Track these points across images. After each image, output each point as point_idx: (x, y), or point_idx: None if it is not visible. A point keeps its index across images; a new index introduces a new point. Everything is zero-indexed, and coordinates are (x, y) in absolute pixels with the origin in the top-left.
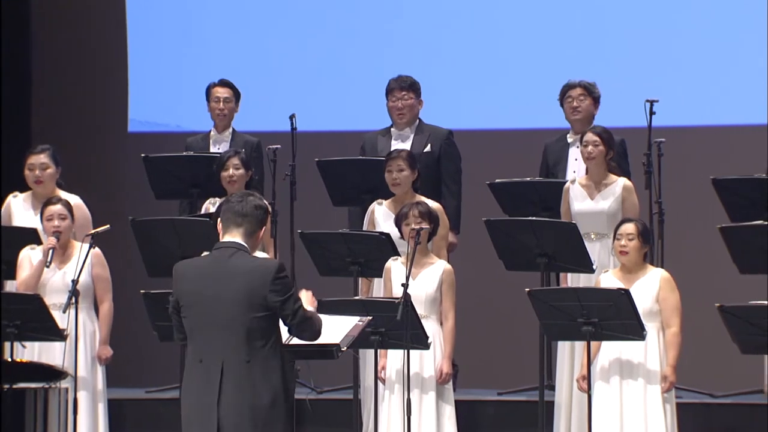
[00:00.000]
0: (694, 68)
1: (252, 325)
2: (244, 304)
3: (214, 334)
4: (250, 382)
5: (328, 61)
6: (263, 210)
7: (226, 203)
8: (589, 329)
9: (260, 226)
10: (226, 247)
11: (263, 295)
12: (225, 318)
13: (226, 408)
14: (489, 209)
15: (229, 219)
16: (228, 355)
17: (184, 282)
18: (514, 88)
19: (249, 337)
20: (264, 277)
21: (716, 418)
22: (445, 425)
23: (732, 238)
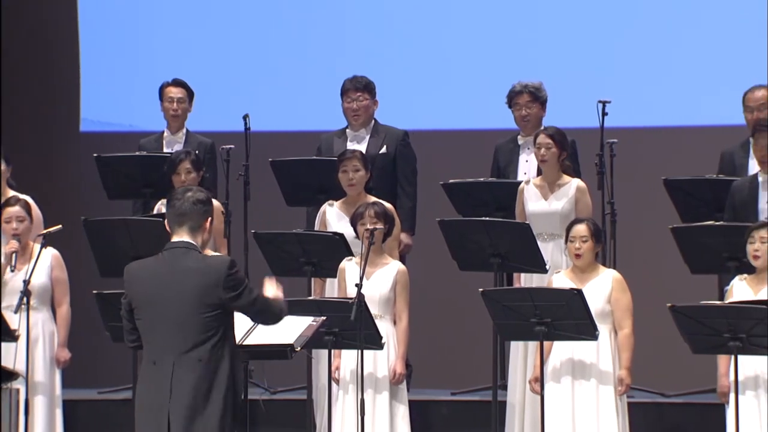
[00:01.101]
0: (646, 69)
1: (204, 324)
2: (197, 304)
3: (167, 335)
4: (202, 381)
5: (283, 60)
6: (203, 203)
7: (168, 204)
8: (542, 329)
9: (204, 219)
10: (176, 247)
11: (216, 294)
12: (178, 318)
13: (177, 408)
14: (443, 209)
15: (171, 219)
16: (180, 354)
17: (136, 284)
18: (468, 89)
19: (201, 336)
20: (216, 275)
21: (668, 418)
22: (399, 425)
23: (683, 239)
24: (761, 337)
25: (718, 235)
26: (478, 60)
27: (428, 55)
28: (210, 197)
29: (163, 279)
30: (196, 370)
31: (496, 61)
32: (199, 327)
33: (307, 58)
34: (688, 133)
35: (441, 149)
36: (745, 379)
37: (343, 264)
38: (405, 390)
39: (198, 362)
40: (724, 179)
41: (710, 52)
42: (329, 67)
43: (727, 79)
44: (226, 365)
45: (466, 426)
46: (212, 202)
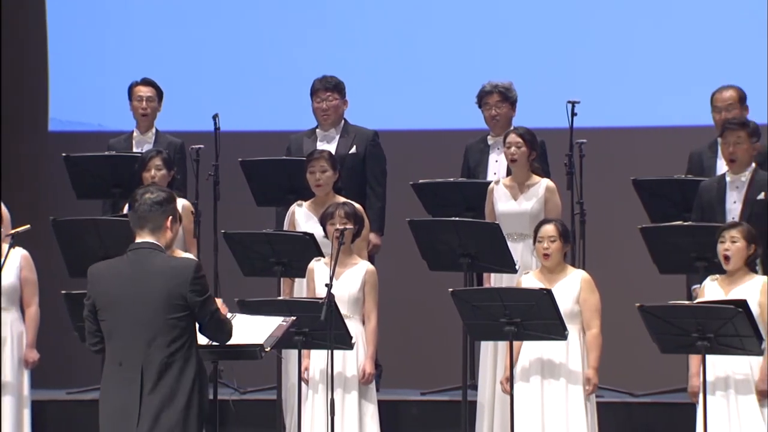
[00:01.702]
0: (615, 70)
1: (171, 326)
2: (163, 305)
3: (133, 336)
4: (168, 383)
5: (252, 60)
6: (160, 204)
7: (129, 206)
8: (511, 329)
9: (165, 219)
10: (141, 248)
11: (183, 295)
12: (143, 319)
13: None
14: (413, 210)
15: (133, 222)
16: (147, 356)
17: (101, 284)
18: (437, 89)
19: (168, 338)
20: (183, 276)
21: (637, 417)
22: (368, 425)
23: (652, 239)
24: (729, 337)
25: (686, 235)
26: (447, 60)
27: (398, 55)
28: (171, 196)
29: (128, 280)
30: (163, 371)
31: (465, 62)
32: (165, 329)
33: (277, 58)
34: (656, 133)
35: (411, 149)
36: (716, 380)
37: (312, 264)
38: (374, 390)
39: (164, 364)
40: (693, 179)
41: (678, 52)
42: (299, 67)
43: (695, 80)
44: (192, 368)
45: (436, 426)
46: (174, 200)
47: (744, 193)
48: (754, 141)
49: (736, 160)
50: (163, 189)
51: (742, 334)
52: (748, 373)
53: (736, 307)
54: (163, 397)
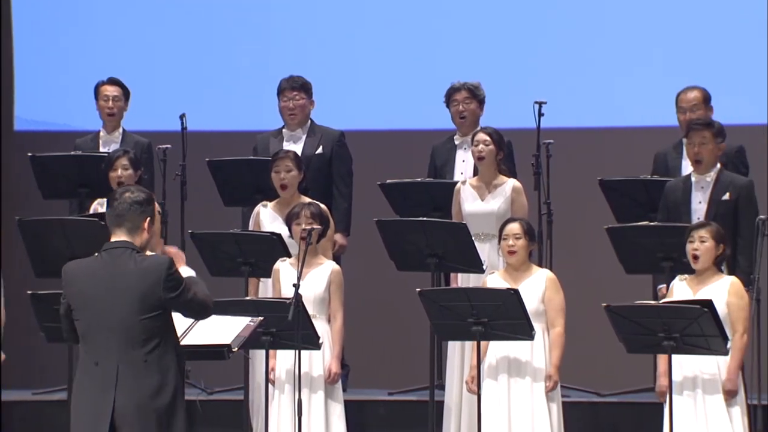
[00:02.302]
0: (581, 70)
1: (147, 325)
2: (138, 304)
3: (109, 336)
4: (149, 382)
5: (220, 60)
6: (140, 204)
7: (108, 204)
8: (478, 329)
9: (142, 220)
10: (115, 247)
11: (157, 294)
12: (119, 319)
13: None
14: (380, 210)
15: (110, 221)
16: (124, 356)
17: (74, 284)
18: (404, 89)
19: (144, 337)
20: (156, 275)
21: (603, 417)
22: (335, 425)
23: (618, 239)
24: (695, 337)
25: (652, 236)
26: (415, 61)
27: (365, 55)
28: (150, 197)
29: (102, 280)
30: (142, 370)
31: (432, 62)
32: (142, 328)
33: (244, 58)
34: (622, 134)
35: (378, 149)
36: (684, 379)
37: (278, 265)
38: (341, 390)
39: (144, 363)
40: (658, 180)
41: (644, 54)
42: (266, 66)
43: (660, 81)
44: (174, 365)
45: (403, 426)
46: (153, 202)
47: (709, 193)
48: (719, 141)
49: (701, 161)
50: (143, 190)
51: (708, 334)
52: (715, 372)
53: (702, 307)
54: (146, 395)
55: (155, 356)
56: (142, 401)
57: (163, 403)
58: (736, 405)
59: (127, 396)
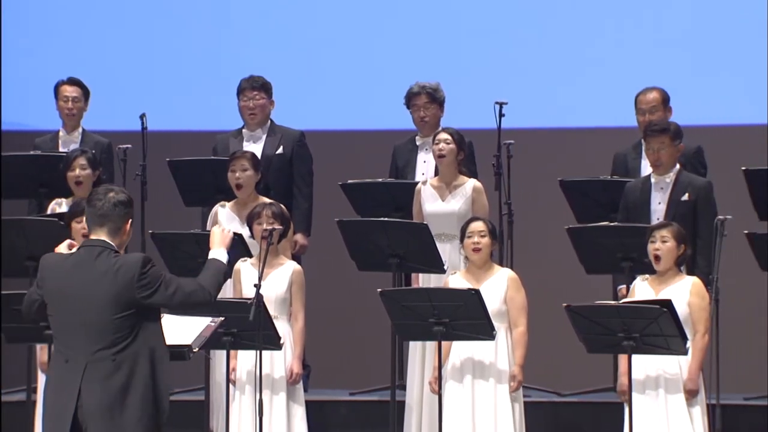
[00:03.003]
0: (542, 71)
1: (118, 325)
2: (111, 304)
3: (80, 334)
4: (115, 383)
5: (180, 59)
6: (124, 205)
7: (88, 203)
8: (440, 329)
9: (124, 222)
10: (92, 245)
11: (130, 294)
12: (91, 317)
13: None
14: (341, 210)
15: (91, 220)
16: (92, 355)
17: (51, 278)
18: (365, 89)
19: (115, 337)
20: (129, 274)
21: (564, 417)
22: (296, 426)
23: (578, 239)
24: (654, 337)
25: (612, 236)
26: (375, 61)
27: (326, 55)
28: (131, 199)
29: (77, 278)
30: (108, 370)
31: (393, 62)
32: (113, 327)
33: (204, 58)
34: (582, 134)
35: (340, 150)
36: (646, 378)
37: (239, 265)
38: (302, 390)
39: (111, 363)
40: (618, 180)
41: (603, 54)
42: (226, 66)
43: (619, 82)
44: (145, 367)
45: (364, 426)
46: (133, 204)
47: (668, 194)
48: (677, 143)
49: (660, 165)
50: (124, 191)
51: (667, 334)
52: (677, 372)
53: (661, 307)
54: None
55: (125, 356)
56: (107, 401)
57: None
58: (697, 405)
59: (93, 395)
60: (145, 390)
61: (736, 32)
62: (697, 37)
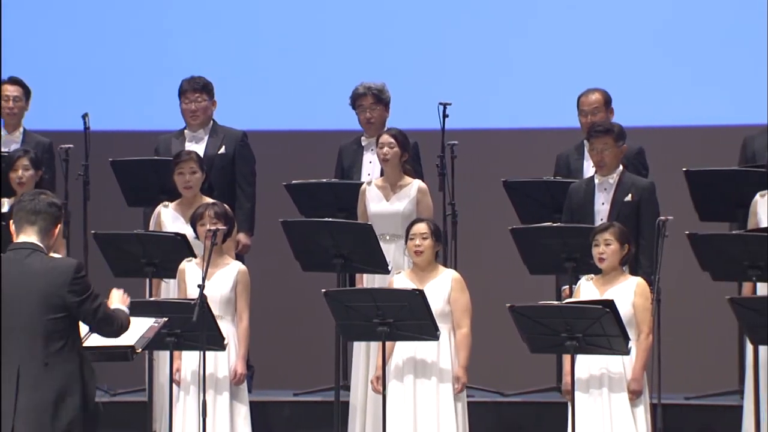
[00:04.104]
0: (485, 72)
1: (49, 327)
2: (42, 306)
3: (11, 337)
4: (49, 386)
5: (122, 59)
6: (57, 207)
7: (18, 203)
8: (384, 329)
9: (55, 224)
10: (22, 248)
11: (61, 296)
12: (22, 320)
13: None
14: (285, 210)
15: (22, 218)
16: (25, 358)
17: None
18: (309, 89)
19: (47, 339)
20: (62, 277)
21: (507, 417)
22: (240, 426)
23: (522, 240)
24: (597, 337)
25: (555, 236)
26: (319, 61)
27: (268, 55)
28: (63, 205)
29: (6, 280)
30: (42, 372)
31: (337, 62)
32: (45, 329)
33: (146, 57)
34: (526, 135)
35: (285, 150)
36: (591, 378)
37: (183, 265)
38: (246, 391)
39: (44, 366)
40: (562, 181)
41: (545, 55)
42: (168, 66)
43: (562, 83)
44: (76, 370)
45: (308, 427)
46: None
47: (612, 194)
48: (620, 144)
49: (604, 166)
50: (56, 197)
51: (610, 334)
52: (621, 372)
53: (604, 307)
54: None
55: (58, 359)
56: (40, 404)
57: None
58: (640, 404)
59: (27, 398)
60: (78, 392)
61: (676, 33)
62: (638, 39)
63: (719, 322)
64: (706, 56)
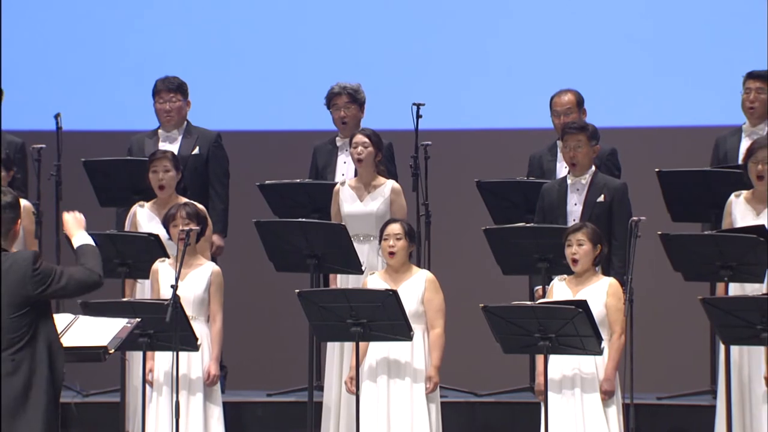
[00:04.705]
0: (459, 73)
1: (14, 324)
2: (5, 304)
3: None
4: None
5: (95, 59)
6: (12, 207)
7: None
8: (357, 330)
9: (13, 224)
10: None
11: (24, 292)
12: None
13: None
14: (259, 210)
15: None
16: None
17: None
18: (283, 89)
19: (12, 336)
20: (21, 272)
21: (480, 417)
22: (213, 427)
23: (495, 240)
24: (570, 337)
25: (529, 237)
26: (293, 61)
27: (242, 55)
28: (17, 199)
29: None
30: (8, 371)
31: (313, 62)
32: (9, 327)
33: (119, 57)
34: (499, 136)
35: (259, 150)
36: (563, 378)
37: (156, 265)
38: (219, 391)
39: (11, 362)
40: (535, 182)
41: (518, 56)
42: (141, 65)
43: (535, 84)
44: (44, 364)
45: (282, 427)
46: (20, 204)
47: (584, 195)
48: (593, 144)
49: (576, 164)
50: (10, 191)
51: (582, 334)
52: (593, 372)
53: (576, 307)
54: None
55: (24, 355)
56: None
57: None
58: (613, 405)
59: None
60: (47, 386)
61: (649, 34)
62: (611, 40)
63: (691, 323)
64: (678, 57)
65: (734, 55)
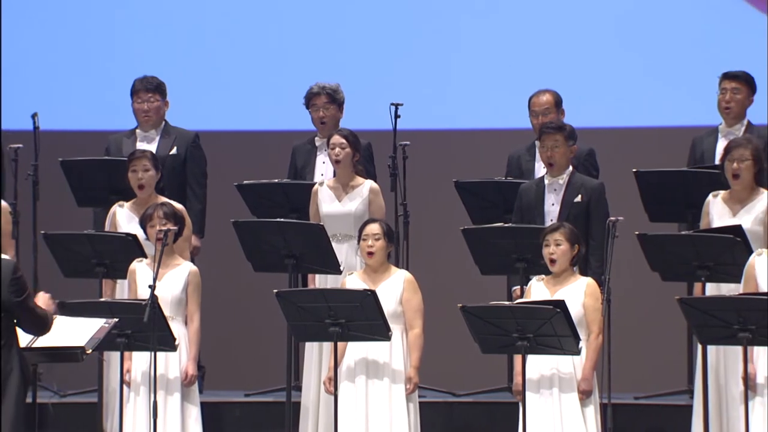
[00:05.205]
0: (437, 73)
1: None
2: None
3: None
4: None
5: (72, 58)
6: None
7: None
8: (336, 330)
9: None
10: None
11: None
12: None
13: None
14: (237, 211)
15: None
16: None
17: None
18: (262, 89)
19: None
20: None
21: (458, 417)
22: (191, 427)
23: (473, 240)
24: (548, 337)
25: (507, 237)
26: (272, 61)
27: (219, 55)
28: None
29: None
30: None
31: (291, 62)
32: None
33: (97, 56)
34: (477, 136)
35: (237, 150)
36: (541, 378)
37: (134, 265)
38: (197, 391)
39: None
40: (513, 182)
41: (496, 56)
42: (119, 65)
43: (513, 84)
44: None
45: (260, 427)
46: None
47: (562, 195)
48: (570, 144)
49: (554, 164)
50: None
51: (560, 334)
52: (571, 372)
53: (555, 307)
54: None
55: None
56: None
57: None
58: (591, 404)
59: None
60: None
61: (626, 35)
62: (589, 40)
63: (668, 323)
64: (655, 58)
65: (710, 56)
